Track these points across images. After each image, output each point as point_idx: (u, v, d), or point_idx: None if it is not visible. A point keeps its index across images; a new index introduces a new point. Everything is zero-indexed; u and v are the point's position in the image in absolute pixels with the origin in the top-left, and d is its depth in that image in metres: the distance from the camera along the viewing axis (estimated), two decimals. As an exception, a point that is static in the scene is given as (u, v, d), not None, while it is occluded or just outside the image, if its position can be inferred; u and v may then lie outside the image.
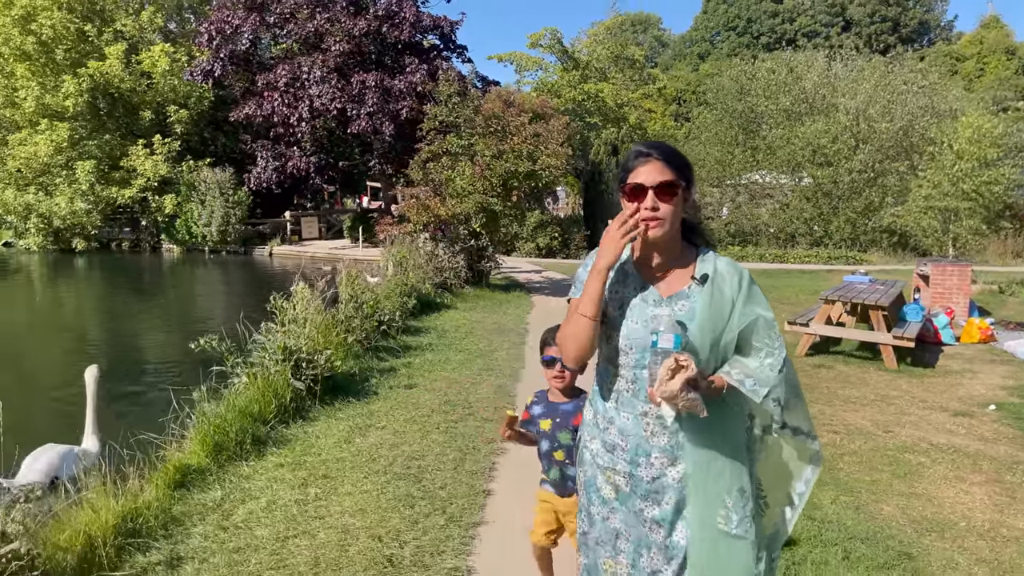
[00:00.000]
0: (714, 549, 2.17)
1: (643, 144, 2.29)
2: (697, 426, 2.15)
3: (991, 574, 3.89)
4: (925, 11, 68.59)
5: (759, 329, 2.21)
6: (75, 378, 10.00)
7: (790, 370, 2.26)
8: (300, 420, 6.00)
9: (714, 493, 2.18)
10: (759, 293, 2.25)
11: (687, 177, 2.24)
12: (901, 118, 25.28)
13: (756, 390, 2.14)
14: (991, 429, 6.35)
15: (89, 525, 3.70)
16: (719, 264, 2.25)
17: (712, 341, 2.18)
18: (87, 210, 29.17)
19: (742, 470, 2.21)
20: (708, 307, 2.18)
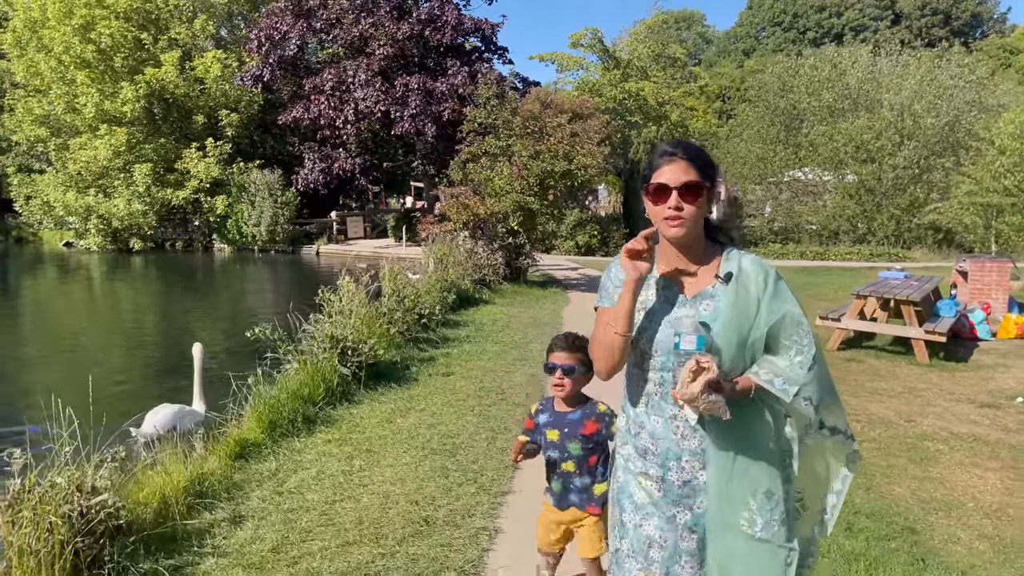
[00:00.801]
0: (732, 552, 2.14)
1: (668, 143, 2.28)
2: (720, 427, 2.13)
3: (991, 548, 4.08)
4: (977, 3, 67.05)
5: (787, 326, 2.16)
6: (135, 364, 10.71)
7: (823, 368, 2.21)
8: (346, 403, 6.49)
9: (737, 495, 2.15)
10: (786, 290, 2.20)
11: (711, 177, 2.21)
12: (947, 113, 25.05)
13: (786, 389, 2.10)
14: (1016, 420, 6.47)
15: (164, 486, 4.21)
16: (744, 262, 2.22)
17: (739, 340, 2.15)
18: (143, 211, 30.37)
19: (771, 472, 2.16)
20: (733, 306, 2.16)
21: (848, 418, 5.77)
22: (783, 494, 2.17)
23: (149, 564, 3.61)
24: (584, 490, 2.96)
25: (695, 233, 2.20)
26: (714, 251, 2.26)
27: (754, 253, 2.31)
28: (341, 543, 3.97)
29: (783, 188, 28.40)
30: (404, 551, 3.89)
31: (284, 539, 4.01)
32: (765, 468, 2.15)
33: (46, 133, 31.98)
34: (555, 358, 2.95)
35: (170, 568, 3.61)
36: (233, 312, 16.37)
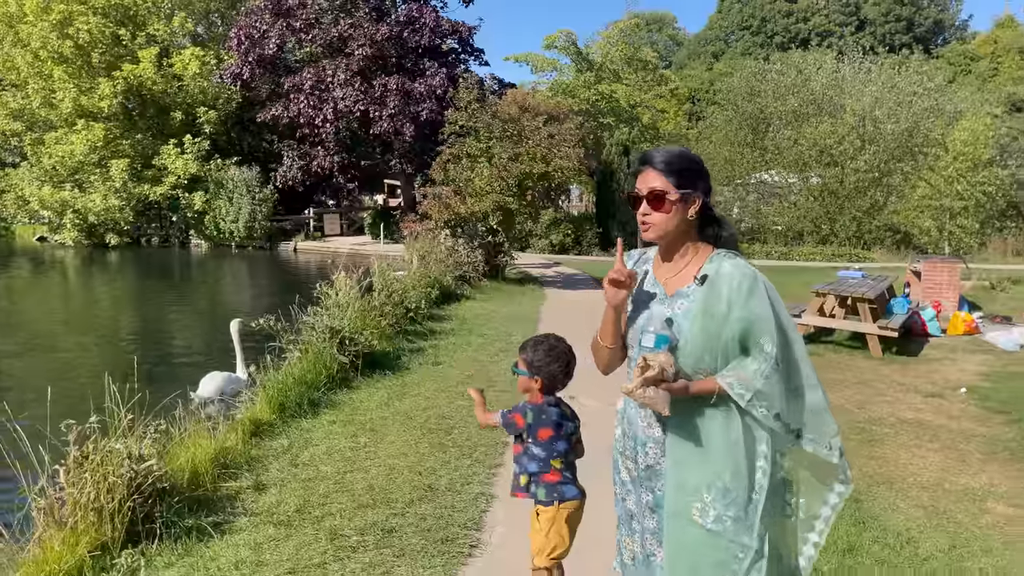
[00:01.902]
0: (681, 539, 2.22)
1: (646, 151, 2.37)
2: (680, 420, 2.21)
3: (925, 515, 4.60)
4: (940, 10, 68.78)
5: (754, 333, 2.18)
6: (128, 356, 11.06)
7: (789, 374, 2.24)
8: (345, 389, 7.02)
9: (691, 485, 2.20)
10: (761, 296, 2.21)
11: (688, 182, 2.27)
12: (906, 119, 26.00)
13: (741, 394, 2.15)
14: (958, 408, 7.07)
15: (194, 457, 4.73)
16: (724, 265, 2.25)
17: (707, 341, 2.20)
18: (120, 207, 30.46)
19: (731, 470, 2.19)
20: (702, 308, 2.21)
21: None
22: (745, 494, 2.20)
23: (193, 521, 4.13)
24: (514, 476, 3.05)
25: (668, 236, 2.30)
26: (705, 252, 2.33)
27: (741, 258, 2.33)
28: (356, 505, 4.51)
29: (750, 190, 29.22)
30: (413, 511, 4.44)
31: (306, 502, 4.54)
32: (723, 464, 2.19)
33: (21, 127, 31.92)
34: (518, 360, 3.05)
35: (211, 524, 4.13)
36: (226, 306, 16.78)
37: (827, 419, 2.29)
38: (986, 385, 7.92)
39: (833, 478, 2.38)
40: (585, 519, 3.07)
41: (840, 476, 2.37)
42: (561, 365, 2.96)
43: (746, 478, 2.20)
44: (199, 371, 7.31)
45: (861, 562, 3.91)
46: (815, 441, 2.26)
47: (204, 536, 4.03)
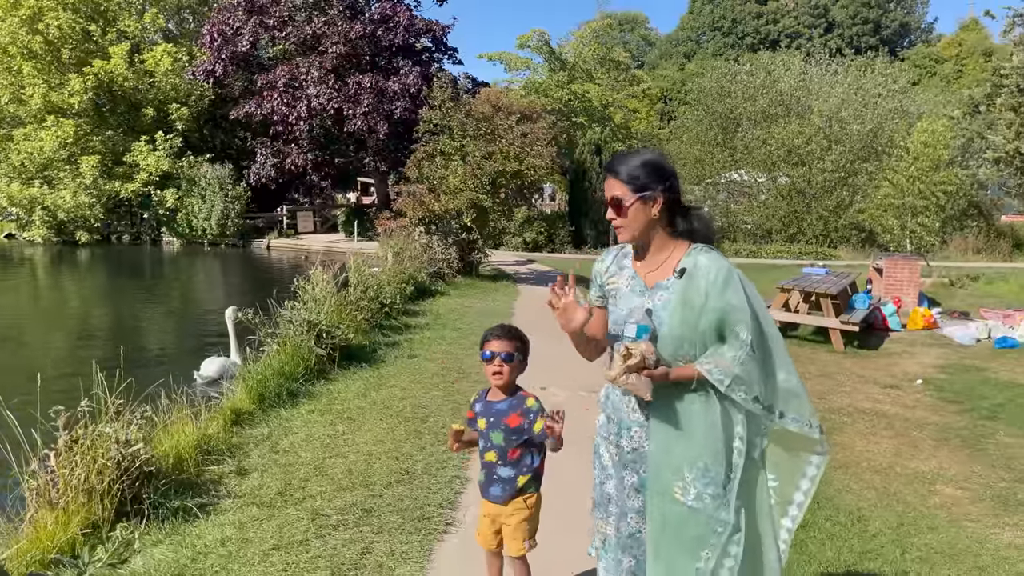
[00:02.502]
0: (665, 516, 2.36)
1: (610, 159, 2.51)
2: (662, 405, 2.35)
3: (877, 497, 4.88)
4: (906, 13, 70.01)
5: (730, 321, 2.30)
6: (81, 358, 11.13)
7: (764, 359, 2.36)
8: (323, 380, 7.19)
9: (673, 465, 2.34)
10: (735, 286, 2.33)
11: (645, 186, 2.39)
12: (871, 120, 26.59)
13: (720, 380, 2.27)
14: (913, 399, 7.40)
15: (178, 442, 4.89)
16: (700, 258, 2.38)
17: (686, 330, 2.32)
18: (90, 203, 30.18)
19: (710, 450, 2.32)
20: (681, 299, 2.34)
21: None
22: (723, 473, 2.33)
23: (179, 502, 4.29)
24: (508, 481, 2.97)
25: (637, 236, 2.44)
26: (682, 247, 2.44)
27: (716, 251, 2.44)
28: (336, 488, 4.70)
29: (720, 189, 29.67)
30: (391, 493, 4.64)
31: (287, 485, 4.72)
32: (703, 445, 2.32)
33: (-10, 123, 31.56)
34: (491, 346, 2.97)
35: (196, 505, 4.30)
36: (200, 302, 16.82)
37: (804, 400, 2.43)
38: (942, 377, 8.27)
39: (810, 451, 2.52)
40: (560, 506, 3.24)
41: (817, 448, 2.52)
42: (524, 343, 3.03)
43: (724, 458, 2.33)
44: (175, 368, 7.48)
45: (813, 536, 4.17)
46: (798, 420, 2.41)
47: (190, 516, 4.21)
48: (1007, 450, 5.82)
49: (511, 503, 2.99)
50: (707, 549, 2.33)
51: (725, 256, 2.46)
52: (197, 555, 3.80)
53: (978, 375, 8.37)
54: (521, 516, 2.99)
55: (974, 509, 4.67)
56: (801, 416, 2.41)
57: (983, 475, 5.28)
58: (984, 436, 6.18)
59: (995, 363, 8.97)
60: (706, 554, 2.34)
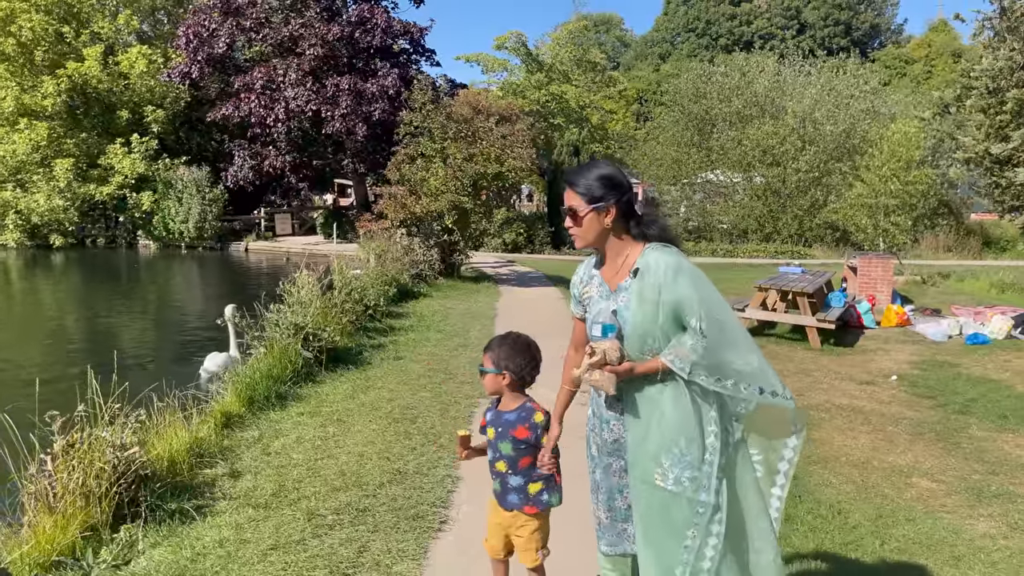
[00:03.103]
0: (649, 502, 2.53)
1: (565, 172, 2.97)
2: (636, 397, 2.54)
3: (855, 490, 5.01)
4: (876, 15, 70.93)
5: (684, 312, 2.45)
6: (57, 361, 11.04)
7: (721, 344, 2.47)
8: (310, 383, 7.25)
9: (650, 454, 2.51)
10: (686, 279, 2.48)
11: (598, 196, 2.56)
12: (844, 121, 26.97)
13: (682, 368, 2.43)
14: (888, 395, 7.55)
15: (171, 446, 4.93)
16: (651, 257, 2.54)
17: (646, 326, 2.50)
18: (65, 207, 29.86)
19: (684, 436, 2.49)
20: (638, 297, 2.52)
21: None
22: (699, 457, 2.49)
23: (175, 504, 4.35)
24: (520, 489, 2.98)
25: (591, 244, 2.63)
26: (638, 249, 2.60)
27: (669, 248, 2.58)
28: (330, 489, 4.77)
29: (696, 189, 29.94)
30: (384, 493, 4.72)
31: (281, 487, 4.79)
32: (677, 433, 2.49)
33: (-41, 127, 31.07)
34: (487, 360, 3.02)
35: (193, 507, 4.36)
36: (182, 307, 16.74)
37: (770, 375, 2.56)
38: (915, 373, 8.43)
39: (786, 433, 2.70)
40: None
41: (793, 428, 2.70)
42: (527, 359, 2.95)
43: (699, 443, 2.48)
44: (162, 372, 7.49)
45: (796, 530, 4.29)
46: (764, 391, 2.53)
47: (187, 518, 4.26)
48: (979, 443, 5.99)
49: (518, 516, 2.99)
50: (692, 529, 2.48)
51: (682, 253, 2.60)
52: (196, 556, 3.86)
53: (951, 371, 8.56)
54: (532, 527, 3.01)
55: (949, 501, 4.81)
56: (767, 386, 2.53)
57: (957, 468, 5.43)
58: (957, 430, 6.34)
59: (967, 359, 9.18)
60: (691, 533, 2.48)
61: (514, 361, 2.94)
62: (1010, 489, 4.99)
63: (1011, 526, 4.41)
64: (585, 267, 2.82)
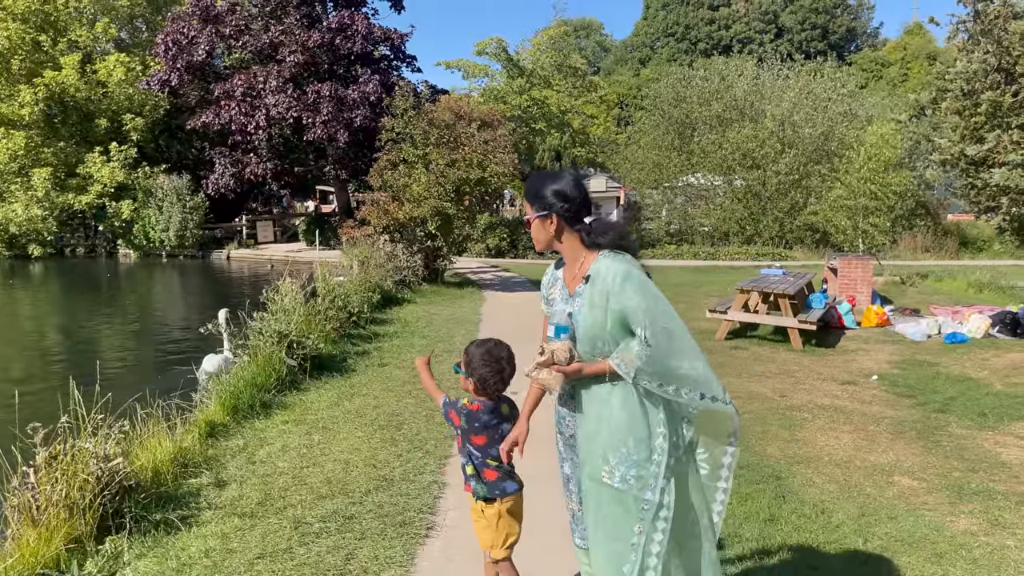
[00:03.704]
0: (598, 498, 2.64)
1: (528, 180, 2.88)
2: (586, 397, 2.66)
3: (838, 489, 5.06)
4: (852, 19, 71.68)
5: (631, 318, 2.55)
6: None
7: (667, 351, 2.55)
8: (295, 391, 7.23)
9: (598, 452, 2.62)
10: (634, 287, 2.57)
11: (544, 206, 2.72)
12: (822, 124, 27.20)
13: (627, 372, 2.53)
14: (870, 394, 7.63)
15: (155, 456, 4.91)
16: (601, 264, 2.65)
17: (595, 330, 2.61)
18: (43, 216, 29.60)
19: (631, 437, 2.59)
20: (588, 302, 2.63)
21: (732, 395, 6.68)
22: (646, 457, 2.58)
23: (160, 515, 4.33)
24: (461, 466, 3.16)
25: (543, 248, 2.81)
26: (593, 256, 2.71)
27: (621, 256, 2.68)
28: (316, 497, 4.76)
29: (678, 193, 30.07)
30: (371, 500, 4.72)
31: (266, 496, 4.77)
32: (625, 433, 2.58)
33: (-63, 136, 30.73)
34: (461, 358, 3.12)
35: (178, 518, 4.34)
36: (165, 316, 16.63)
37: (712, 382, 2.65)
38: (896, 372, 8.53)
39: (725, 441, 2.81)
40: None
41: (731, 439, 2.81)
42: (493, 371, 2.99)
43: (647, 444, 2.59)
44: (145, 382, 7.46)
45: (780, 529, 4.33)
46: (714, 399, 2.65)
47: (172, 529, 4.24)
48: (959, 441, 6.06)
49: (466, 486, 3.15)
50: (637, 525, 2.58)
51: (635, 261, 2.69)
52: (182, 566, 3.84)
53: (930, 370, 8.66)
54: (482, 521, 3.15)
55: (930, 498, 4.87)
56: (708, 392, 2.63)
57: (938, 466, 5.50)
58: (937, 428, 6.42)
59: (946, 358, 9.29)
60: (637, 529, 2.58)
61: (479, 371, 3.00)
62: (990, 486, 5.06)
63: (991, 522, 4.47)
64: (551, 270, 2.96)
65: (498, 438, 3.03)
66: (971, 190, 11.20)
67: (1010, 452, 5.80)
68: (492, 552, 3.13)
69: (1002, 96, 9.29)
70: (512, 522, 3.14)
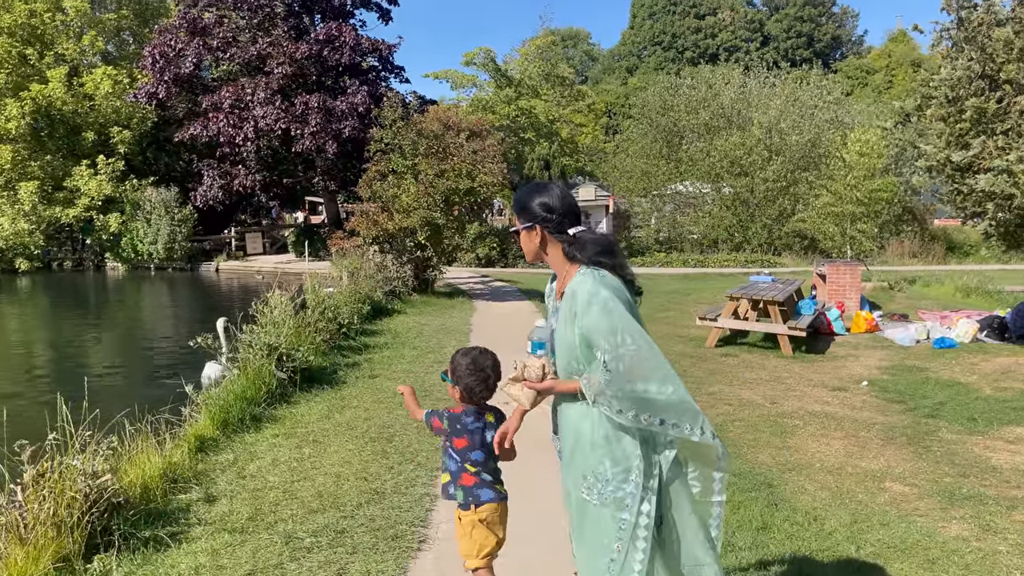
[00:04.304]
0: (583, 512, 2.64)
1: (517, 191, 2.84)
2: (564, 416, 2.69)
3: (831, 496, 5.06)
4: (837, 27, 72.30)
5: (594, 341, 2.50)
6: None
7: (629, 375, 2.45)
8: (285, 404, 7.19)
9: (577, 470, 2.63)
10: (597, 310, 2.49)
11: (529, 219, 2.72)
12: (809, 131, 27.39)
13: (590, 395, 2.51)
14: (860, 400, 7.67)
15: (144, 472, 4.87)
16: (576, 282, 2.60)
17: (568, 347, 2.60)
18: (30, 230, 29.43)
19: (602, 457, 2.57)
20: (563, 319, 2.62)
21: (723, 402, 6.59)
22: (622, 478, 2.54)
23: (149, 532, 4.29)
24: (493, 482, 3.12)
25: (531, 259, 2.82)
26: (574, 271, 2.66)
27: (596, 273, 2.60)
28: (307, 511, 4.73)
29: (667, 200, 30.18)
30: (362, 514, 4.69)
31: (257, 510, 4.74)
32: (600, 454, 2.56)
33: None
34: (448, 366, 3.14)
35: (167, 534, 4.30)
36: (156, 329, 16.53)
37: (690, 409, 2.53)
38: (885, 378, 8.57)
39: (713, 466, 2.72)
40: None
41: (718, 464, 2.71)
42: (478, 380, 3.00)
43: (623, 464, 2.54)
44: (135, 398, 7.40)
45: (773, 538, 4.33)
46: (678, 427, 2.52)
47: (161, 546, 4.20)
48: (949, 446, 6.08)
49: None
50: (616, 543, 2.54)
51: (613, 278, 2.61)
52: (171, 584, 3.81)
53: (919, 375, 8.70)
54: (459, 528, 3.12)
55: (922, 504, 4.88)
56: (681, 423, 2.52)
57: (928, 471, 5.51)
58: (927, 433, 6.44)
59: (934, 363, 9.34)
60: (616, 548, 2.54)
61: (465, 380, 3.01)
62: (981, 491, 5.07)
63: (983, 528, 4.48)
64: (550, 281, 2.96)
65: (479, 443, 3.02)
66: (957, 196, 11.25)
67: (1000, 456, 5.82)
68: (467, 562, 3.11)
69: (987, 103, 9.36)
70: (487, 533, 3.08)
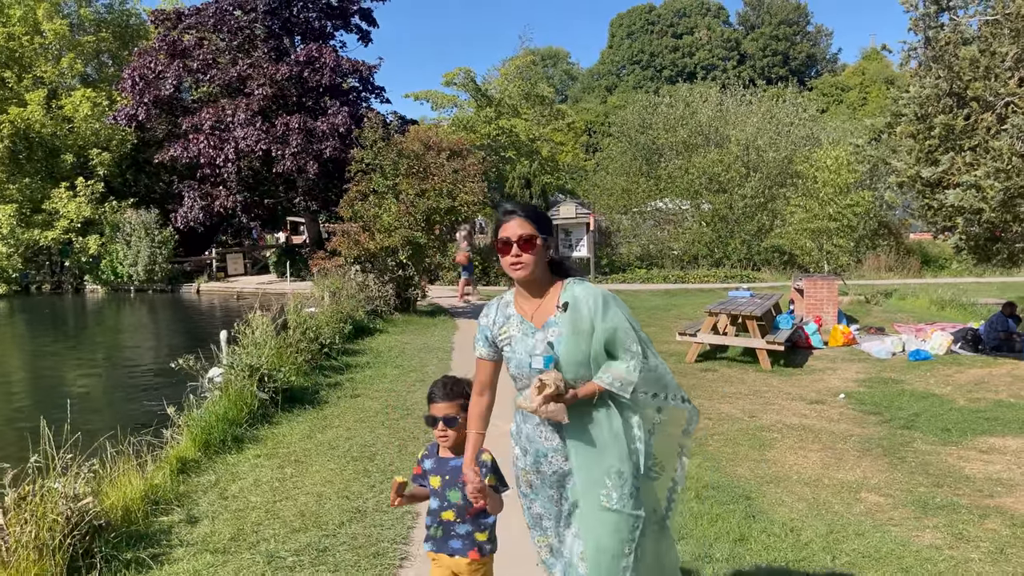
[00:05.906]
0: (598, 519, 2.66)
1: (509, 203, 2.84)
2: (575, 426, 2.65)
3: (808, 507, 5.14)
4: (812, 45, 73.39)
5: (619, 339, 2.64)
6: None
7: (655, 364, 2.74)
8: (267, 424, 7.21)
9: (596, 477, 2.65)
10: (614, 308, 2.68)
11: (546, 229, 2.74)
12: (785, 148, 27.72)
13: (624, 389, 2.62)
14: (837, 412, 7.79)
15: (125, 495, 4.87)
16: (576, 290, 2.70)
17: (581, 356, 2.64)
18: (8, 254, 29.13)
19: (619, 456, 2.67)
20: (572, 329, 2.64)
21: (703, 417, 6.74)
22: (631, 472, 2.68)
23: (131, 554, 4.30)
24: (467, 536, 2.94)
25: (536, 274, 2.71)
26: (558, 285, 2.74)
27: (585, 281, 2.79)
28: (289, 530, 4.76)
29: (647, 217, 30.36)
30: (344, 532, 4.72)
31: (239, 531, 4.75)
32: (614, 453, 2.66)
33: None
34: (436, 410, 2.95)
35: (149, 556, 4.31)
36: (139, 352, 16.41)
37: (673, 383, 2.85)
38: (862, 391, 8.71)
39: (678, 454, 2.97)
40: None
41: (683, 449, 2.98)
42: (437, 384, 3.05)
43: (629, 459, 2.69)
44: (116, 420, 7.40)
45: (750, 549, 4.40)
46: (673, 399, 2.84)
47: (143, 568, 4.22)
48: (924, 457, 6.20)
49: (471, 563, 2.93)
50: (627, 545, 2.65)
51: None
52: (154, 605, 3.82)
53: (895, 387, 8.84)
54: (481, 572, 2.98)
55: (896, 514, 4.98)
56: (675, 396, 2.84)
57: (903, 482, 5.62)
58: (903, 445, 6.55)
59: (910, 375, 9.50)
60: (627, 549, 2.65)
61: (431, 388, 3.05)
62: (954, 500, 5.18)
63: (956, 536, 4.58)
64: (497, 309, 2.86)
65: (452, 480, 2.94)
66: (928, 211, 11.45)
67: (973, 466, 5.94)
68: None
69: (954, 119, 9.58)
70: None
